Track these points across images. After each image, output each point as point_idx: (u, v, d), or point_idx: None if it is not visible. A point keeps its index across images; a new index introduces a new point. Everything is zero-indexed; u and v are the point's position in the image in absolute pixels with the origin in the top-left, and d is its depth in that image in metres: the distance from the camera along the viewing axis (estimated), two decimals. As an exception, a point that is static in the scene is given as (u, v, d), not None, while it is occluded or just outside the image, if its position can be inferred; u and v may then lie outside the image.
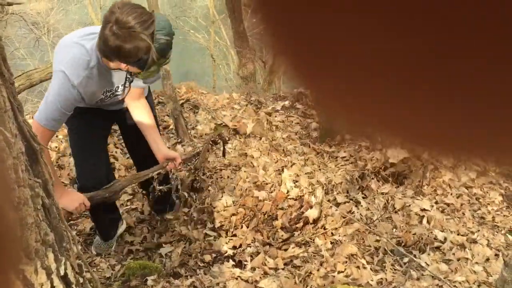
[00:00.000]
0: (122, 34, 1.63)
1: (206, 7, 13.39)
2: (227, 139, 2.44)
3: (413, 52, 0.16)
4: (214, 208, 2.79)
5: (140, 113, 2.13)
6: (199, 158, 2.64)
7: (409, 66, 0.16)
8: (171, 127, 3.83)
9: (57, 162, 2.99)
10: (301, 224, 2.72)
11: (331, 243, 2.57)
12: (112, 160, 2.99)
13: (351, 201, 2.93)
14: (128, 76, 1.95)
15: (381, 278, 2.30)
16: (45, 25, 10.75)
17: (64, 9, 13.60)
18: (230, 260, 2.47)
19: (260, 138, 3.69)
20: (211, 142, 2.58)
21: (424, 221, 2.76)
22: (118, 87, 2.00)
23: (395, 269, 2.39)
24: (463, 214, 2.86)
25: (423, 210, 2.83)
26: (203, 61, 14.89)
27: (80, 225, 2.67)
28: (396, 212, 2.83)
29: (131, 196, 2.92)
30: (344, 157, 3.39)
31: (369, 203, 2.91)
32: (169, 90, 3.49)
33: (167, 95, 3.54)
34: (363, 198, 2.95)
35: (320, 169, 3.30)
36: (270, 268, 2.40)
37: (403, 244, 2.57)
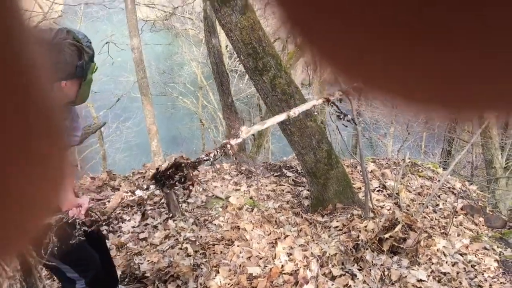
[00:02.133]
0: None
1: (194, 74, 13.75)
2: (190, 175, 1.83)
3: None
4: (208, 288, 2.73)
5: None
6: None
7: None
8: (162, 201, 3.81)
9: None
10: (297, 301, 2.66)
11: (330, 321, 2.50)
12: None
13: (347, 273, 2.89)
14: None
15: None
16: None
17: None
18: None
19: (252, 210, 3.68)
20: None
21: (422, 292, 2.71)
22: None
23: None
24: (460, 283, 2.82)
25: (420, 280, 2.79)
26: (192, 125, 15.08)
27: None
28: (393, 284, 2.79)
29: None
30: (337, 227, 3.38)
31: (365, 275, 2.87)
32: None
33: (157, 170, 3.55)
34: (359, 270, 2.91)
35: (313, 240, 3.28)
36: None
37: (402, 319, 2.51)
